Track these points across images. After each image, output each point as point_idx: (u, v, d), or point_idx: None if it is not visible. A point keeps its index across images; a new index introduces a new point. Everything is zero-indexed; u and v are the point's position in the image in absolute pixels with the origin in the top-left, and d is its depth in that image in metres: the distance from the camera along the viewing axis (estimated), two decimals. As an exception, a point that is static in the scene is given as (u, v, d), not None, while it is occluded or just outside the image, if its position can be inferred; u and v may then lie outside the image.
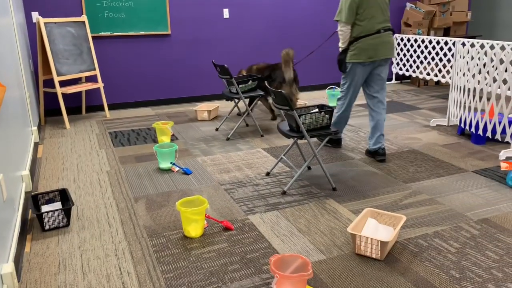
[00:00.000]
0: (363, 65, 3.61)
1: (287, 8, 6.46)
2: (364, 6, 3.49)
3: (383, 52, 3.58)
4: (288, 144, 4.29)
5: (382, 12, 3.56)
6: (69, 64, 5.05)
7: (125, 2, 5.58)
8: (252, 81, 4.61)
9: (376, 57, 3.57)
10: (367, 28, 3.53)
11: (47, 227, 2.69)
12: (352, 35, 3.59)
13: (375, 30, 3.54)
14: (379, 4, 3.53)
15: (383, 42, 3.57)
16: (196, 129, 4.90)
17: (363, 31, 3.54)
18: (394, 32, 3.73)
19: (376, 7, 3.52)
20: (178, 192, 3.24)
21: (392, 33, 3.66)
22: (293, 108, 2.95)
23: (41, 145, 4.39)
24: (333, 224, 2.72)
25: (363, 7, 3.49)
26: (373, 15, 3.52)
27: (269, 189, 3.25)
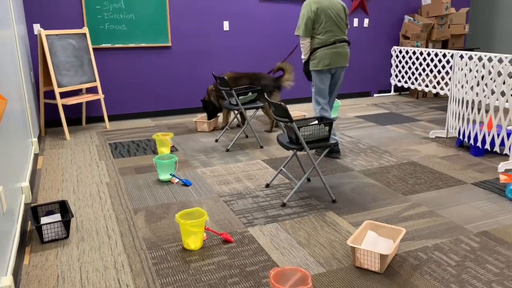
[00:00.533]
0: (322, 72, 4.05)
1: (285, 21, 6.52)
2: (319, 21, 3.96)
3: (339, 61, 4.04)
4: (287, 155, 4.30)
5: (337, 26, 4.01)
6: (70, 76, 5.08)
7: (126, 14, 5.63)
8: (251, 93, 4.64)
9: (332, 65, 4.02)
10: (323, 40, 3.99)
11: (46, 239, 2.69)
12: (312, 46, 4.06)
13: (330, 42, 3.99)
14: (333, 20, 3.98)
15: (338, 52, 4.02)
16: (196, 140, 4.91)
17: (320, 43, 4.00)
18: (350, 43, 4.23)
19: (330, 22, 3.97)
20: (177, 204, 3.24)
21: (347, 45, 4.10)
22: (293, 120, 2.97)
23: (41, 156, 4.40)
24: (332, 237, 2.72)
25: (318, 22, 3.96)
26: (329, 29, 3.98)
27: (269, 201, 3.25)
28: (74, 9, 5.40)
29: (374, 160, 4.13)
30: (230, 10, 6.17)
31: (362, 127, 5.39)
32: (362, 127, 5.37)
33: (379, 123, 5.54)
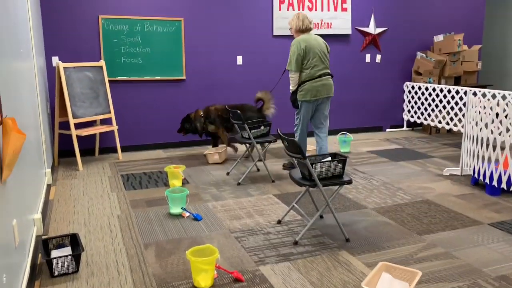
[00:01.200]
0: (308, 102, 4.58)
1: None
2: (307, 58, 4.48)
3: (324, 92, 4.56)
4: (299, 190, 4.26)
5: (322, 61, 4.55)
6: (85, 107, 5.17)
7: (143, 48, 5.76)
8: (264, 126, 4.66)
9: (318, 96, 4.54)
10: (310, 74, 4.50)
11: (56, 273, 2.66)
12: (300, 79, 4.55)
13: (316, 76, 4.51)
14: (319, 55, 4.51)
15: (323, 84, 4.54)
16: (208, 173, 4.90)
17: (307, 77, 4.50)
18: (333, 76, 4.69)
19: (316, 58, 4.50)
20: (188, 239, 3.21)
21: (331, 77, 4.62)
22: (306, 156, 2.96)
23: (54, 186, 4.42)
24: (346, 278, 2.65)
25: (307, 58, 4.48)
26: (315, 64, 4.50)
27: (281, 238, 3.20)
28: (92, 42, 5.54)
29: (387, 198, 4.08)
30: (244, 45, 6.29)
31: (375, 162, 5.35)
32: (375, 163, 5.32)
33: (392, 159, 5.50)
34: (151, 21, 5.74)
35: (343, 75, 6.97)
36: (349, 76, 7.03)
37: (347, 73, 6.99)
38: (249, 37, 6.29)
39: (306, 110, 4.62)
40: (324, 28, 6.63)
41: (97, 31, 5.54)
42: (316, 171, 3.04)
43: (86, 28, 5.49)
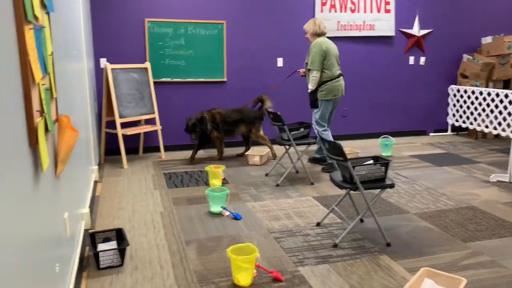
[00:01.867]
0: (329, 101, 4.88)
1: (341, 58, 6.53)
2: (327, 58, 4.78)
3: (341, 92, 4.92)
4: (339, 193, 4.23)
5: (337, 62, 4.90)
6: (130, 107, 5.35)
7: (186, 50, 5.89)
8: (304, 128, 4.66)
9: (339, 95, 4.90)
10: (330, 74, 4.82)
11: (102, 265, 2.77)
12: (321, 79, 4.81)
13: (335, 76, 4.85)
14: (335, 56, 4.85)
15: (341, 85, 4.90)
16: (247, 174, 4.95)
17: (328, 77, 4.82)
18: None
19: (333, 58, 4.82)
20: (228, 237, 3.26)
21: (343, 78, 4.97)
22: (348, 159, 2.94)
23: (100, 183, 4.60)
24: (387, 282, 2.61)
25: (327, 59, 4.78)
26: (333, 64, 4.83)
27: (320, 240, 3.19)
28: (138, 45, 5.73)
29: (430, 203, 3.97)
30: (285, 47, 6.31)
31: (418, 167, 5.22)
32: (418, 167, 5.20)
33: (436, 164, 5.35)
34: (194, 24, 5.86)
35: (386, 77, 6.85)
36: (392, 79, 6.90)
37: (389, 76, 6.87)
38: (289, 39, 6.31)
39: (326, 109, 4.89)
40: (366, 30, 6.55)
41: (143, 33, 5.72)
42: (358, 174, 3.01)
43: (132, 31, 5.69)
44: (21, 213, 1.44)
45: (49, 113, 1.92)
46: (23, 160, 1.52)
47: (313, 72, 4.78)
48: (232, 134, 5.53)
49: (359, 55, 6.65)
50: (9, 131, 1.36)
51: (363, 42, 6.64)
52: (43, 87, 1.82)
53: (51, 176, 2.03)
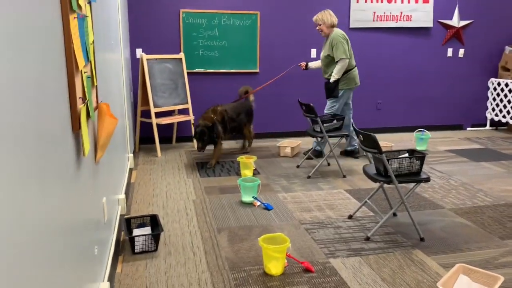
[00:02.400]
0: (350, 90, 5.01)
1: (373, 49, 6.44)
2: (349, 47, 4.86)
3: (358, 81, 5.05)
4: (371, 187, 4.18)
5: (352, 53, 4.98)
6: (165, 97, 5.44)
7: (219, 41, 5.93)
8: (337, 121, 4.61)
9: (358, 84, 5.04)
10: (351, 63, 4.92)
11: (137, 250, 2.85)
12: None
13: (354, 65, 4.99)
14: (351, 47, 4.93)
15: (358, 74, 5.05)
16: (278, 165, 4.96)
17: (349, 66, 4.90)
18: None
19: (351, 48, 4.91)
20: (259, 227, 3.28)
21: None
22: (382, 151, 2.90)
23: (135, 171, 4.72)
24: (420, 277, 2.57)
25: (348, 47, 4.86)
26: (352, 54, 4.96)
27: (352, 233, 3.17)
28: (173, 35, 5.80)
29: (466, 199, 3.87)
30: (318, 37, 6.23)
31: (454, 162, 5.09)
32: (454, 162, 5.06)
33: (473, 159, 5.20)
34: (228, 15, 5.88)
35: (422, 70, 6.68)
36: (428, 71, 6.72)
37: (426, 68, 6.69)
38: (324, 30, 6.23)
39: (347, 98, 5.02)
40: (403, 21, 6.39)
41: (178, 24, 5.79)
42: (392, 167, 2.97)
43: (167, 22, 5.76)
44: (65, 196, 1.50)
45: (91, 100, 1.98)
46: (67, 144, 1.57)
47: (343, 61, 4.79)
48: (236, 131, 5.29)
49: (395, 47, 6.51)
50: (55, 116, 1.42)
51: (400, 34, 6.49)
52: (85, 75, 1.88)
53: (91, 161, 2.10)
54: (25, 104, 1.11)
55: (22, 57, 1.11)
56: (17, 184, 1.02)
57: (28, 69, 1.15)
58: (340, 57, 4.78)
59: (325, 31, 4.89)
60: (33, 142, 1.16)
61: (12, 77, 1.02)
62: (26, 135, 1.11)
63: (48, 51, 1.37)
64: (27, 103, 1.13)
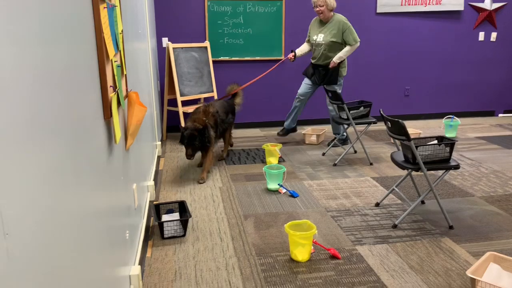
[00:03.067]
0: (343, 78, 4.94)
1: (402, 34, 6.29)
2: None
3: None
4: (399, 174, 4.13)
5: None
6: (191, 86, 5.49)
7: (244, 29, 5.91)
8: (363, 107, 4.56)
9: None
10: None
11: (166, 235, 2.92)
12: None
13: None
14: None
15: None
16: (303, 153, 4.95)
17: None
18: None
19: None
20: (285, 214, 3.30)
21: None
22: (411, 138, 2.85)
23: (162, 158, 4.80)
24: (449, 265, 2.55)
25: None
26: None
27: (379, 220, 3.15)
28: (198, 24, 5.82)
29: (498, 187, 3.78)
30: (345, 24, 6.14)
31: (484, 149, 4.96)
32: (484, 150, 4.94)
33: (505, 146, 5.06)
34: (253, 2, 5.85)
35: (451, 54, 6.50)
36: (458, 56, 6.53)
37: (456, 53, 6.51)
38: (350, 14, 6.12)
39: (341, 87, 4.94)
40: (432, 5, 6.22)
41: (203, 12, 5.80)
42: (421, 154, 2.92)
43: (193, 10, 5.78)
44: (98, 181, 1.55)
45: (121, 88, 2.03)
46: (99, 132, 1.62)
47: (356, 44, 4.70)
48: (225, 132, 4.62)
49: (424, 31, 6.34)
50: (87, 104, 1.46)
51: (429, 18, 6.32)
52: (115, 64, 1.92)
53: (122, 148, 2.16)
54: (60, 93, 1.15)
55: (56, 47, 1.14)
56: (54, 171, 1.06)
57: (62, 59, 1.19)
58: (357, 41, 4.69)
59: (325, 14, 4.70)
60: (68, 130, 1.20)
61: (48, 67, 1.06)
62: (62, 123, 1.15)
63: (80, 41, 1.41)
64: (62, 92, 1.17)
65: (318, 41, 4.83)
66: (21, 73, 0.89)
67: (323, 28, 4.79)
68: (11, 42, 0.84)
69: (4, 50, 0.81)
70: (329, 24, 4.75)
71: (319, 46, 4.82)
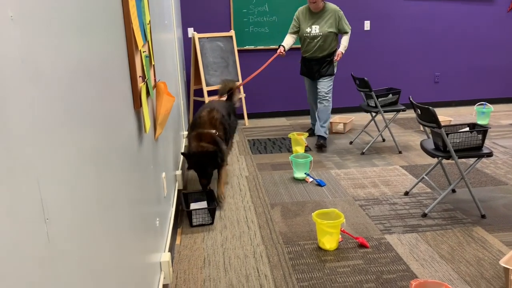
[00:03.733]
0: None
1: (433, 19, 6.12)
2: None
3: None
4: (429, 163, 4.05)
5: None
6: (216, 76, 5.50)
7: (270, 17, 5.88)
8: (392, 94, 4.48)
9: None
10: None
11: (195, 223, 2.97)
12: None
13: None
14: None
15: None
16: (330, 141, 4.91)
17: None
18: None
19: None
20: (312, 202, 3.29)
21: None
22: (441, 125, 2.79)
23: (189, 148, 4.85)
24: (481, 255, 2.49)
25: None
26: None
27: (408, 209, 3.11)
28: (223, 13, 5.82)
29: (533, 175, 3.67)
30: (372, 9, 6.02)
31: (518, 136, 4.81)
32: (518, 137, 4.79)
33: (540, 133, 4.89)
34: (278, -10, 5.80)
35: (483, 39, 6.28)
36: (491, 40, 6.31)
37: (488, 37, 6.29)
38: (376, 1, 6.00)
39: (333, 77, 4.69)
40: (464, -12, 6.01)
41: (228, 1, 5.78)
42: (452, 142, 2.86)
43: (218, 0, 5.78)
44: (130, 169, 1.58)
45: (150, 78, 2.05)
46: (130, 121, 1.65)
47: (348, 34, 4.55)
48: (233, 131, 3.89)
49: (454, 15, 6.15)
50: (118, 94, 1.49)
51: (459, 1, 6.11)
52: (144, 54, 1.94)
53: (151, 138, 2.19)
54: (93, 83, 1.17)
55: (89, 39, 1.17)
56: (90, 159, 1.09)
57: (95, 50, 1.21)
58: (350, 28, 4.55)
59: (318, 4, 4.40)
60: (102, 119, 1.23)
61: (82, 58, 1.08)
62: (96, 112, 1.17)
63: (110, 32, 1.43)
64: (95, 82, 1.20)
65: (313, 33, 4.50)
66: (60, 65, 0.91)
67: (317, 19, 4.49)
68: (50, 35, 0.87)
69: (44, 41, 0.83)
70: (323, 14, 4.47)
71: (315, 39, 4.50)
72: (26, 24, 0.77)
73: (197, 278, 2.37)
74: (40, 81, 0.82)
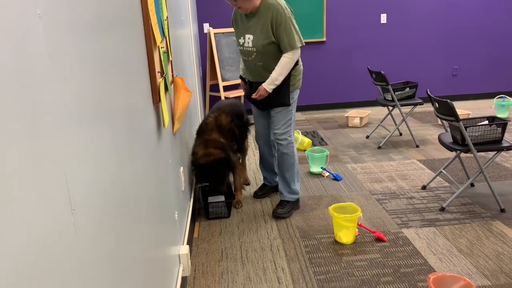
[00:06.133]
0: (298, 90, 2.96)
1: (451, 12, 6.02)
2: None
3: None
4: (447, 157, 4.01)
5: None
6: (232, 71, 5.52)
7: (285, 11, 5.85)
8: (409, 88, 4.43)
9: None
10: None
11: (212, 216, 3.00)
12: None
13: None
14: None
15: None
16: (346, 136, 4.89)
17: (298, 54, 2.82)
18: None
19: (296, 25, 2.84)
20: (328, 197, 3.30)
21: None
22: (460, 119, 2.76)
23: (206, 142, 4.88)
24: (500, 249, 2.47)
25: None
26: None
27: (425, 203, 3.09)
28: (239, 8, 5.82)
29: (554, 169, 3.60)
30: (389, 2, 5.96)
31: (539, 130, 4.72)
32: (539, 130, 4.70)
33: (562, 127, 4.78)
34: (293, -16, 5.78)
35: (503, 29, 6.16)
36: (509, 32, 6.18)
37: (506, 29, 6.16)
38: (394, -7, 5.93)
39: (296, 104, 2.98)
40: (483, -22, 5.90)
41: (243, -4, 5.78)
42: (471, 135, 2.82)
43: (233, -5, 5.78)
44: (150, 163, 1.61)
45: (167, 74, 2.08)
46: (149, 116, 1.68)
47: (298, 52, 2.76)
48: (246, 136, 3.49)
49: (471, 6, 6.04)
50: (138, 89, 1.52)
51: (479, -8, 6.01)
52: (162, 50, 1.97)
53: (170, 132, 2.22)
54: (115, 78, 1.20)
55: (110, 35, 1.19)
56: (112, 152, 1.12)
57: (116, 46, 1.24)
58: (295, 46, 2.71)
59: (246, 5, 2.69)
60: (122, 114, 1.26)
61: (104, 54, 1.11)
62: (117, 107, 1.20)
63: (130, 28, 1.46)
64: (117, 77, 1.22)
65: (246, 47, 2.84)
66: (83, 61, 0.94)
67: (253, 24, 2.78)
68: (74, 32, 0.89)
69: (69, 38, 0.86)
70: (257, 16, 2.74)
71: (250, 56, 2.84)
72: (52, 21, 0.80)
73: (215, 270, 2.40)
74: (66, 76, 0.84)
